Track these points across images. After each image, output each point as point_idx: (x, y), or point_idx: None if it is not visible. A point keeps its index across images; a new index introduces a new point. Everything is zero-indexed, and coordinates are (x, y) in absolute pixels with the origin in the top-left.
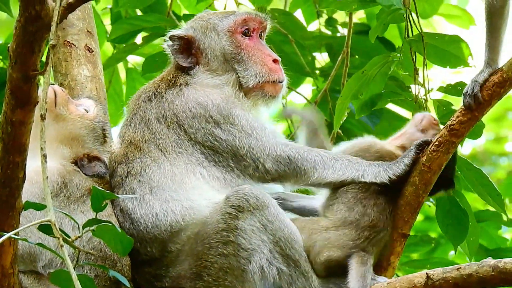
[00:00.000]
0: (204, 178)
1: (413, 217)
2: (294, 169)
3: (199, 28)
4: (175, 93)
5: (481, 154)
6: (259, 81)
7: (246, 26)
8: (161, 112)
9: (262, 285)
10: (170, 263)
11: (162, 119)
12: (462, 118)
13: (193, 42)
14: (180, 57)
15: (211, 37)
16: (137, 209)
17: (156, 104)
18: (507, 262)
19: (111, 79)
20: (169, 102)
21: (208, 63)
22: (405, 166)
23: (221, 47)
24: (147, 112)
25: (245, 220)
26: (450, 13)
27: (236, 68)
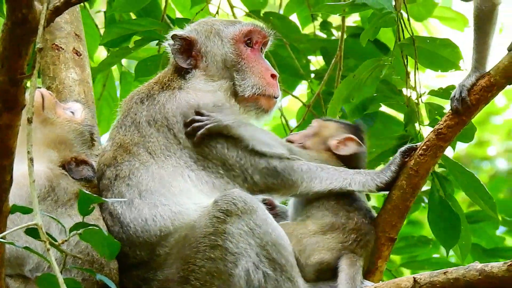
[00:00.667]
0: (192, 181)
1: (401, 221)
2: (282, 180)
3: (202, 31)
4: (167, 96)
5: (463, 158)
6: (255, 92)
7: (249, 37)
8: (152, 114)
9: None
10: (158, 266)
11: (152, 122)
12: (449, 122)
13: (194, 44)
14: (180, 57)
15: (214, 41)
16: (127, 214)
17: (147, 106)
18: (494, 266)
19: (105, 83)
20: (161, 104)
21: (207, 68)
22: (392, 173)
23: (223, 53)
24: (138, 114)
25: (232, 224)
26: (445, 16)
27: (235, 76)
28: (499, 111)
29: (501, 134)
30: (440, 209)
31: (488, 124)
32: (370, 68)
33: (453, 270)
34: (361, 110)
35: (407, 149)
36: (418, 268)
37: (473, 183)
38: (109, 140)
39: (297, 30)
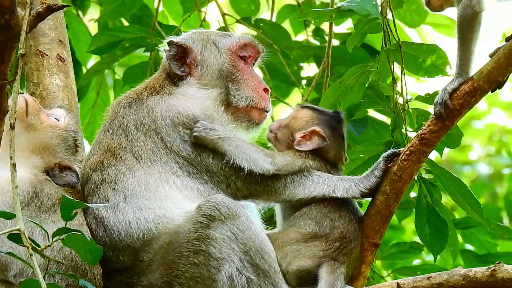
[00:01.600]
0: (177, 188)
1: (384, 226)
2: (265, 187)
3: (198, 40)
4: (156, 100)
5: (445, 162)
6: (248, 104)
7: (244, 50)
8: (140, 118)
9: None
10: (141, 272)
11: (140, 126)
12: (433, 127)
13: (189, 52)
14: (174, 64)
15: (211, 51)
16: (111, 217)
17: (136, 110)
18: (478, 271)
19: (99, 91)
20: (149, 108)
21: (201, 76)
22: (376, 179)
23: (219, 63)
24: (126, 118)
25: (216, 229)
26: (438, 22)
27: (229, 87)
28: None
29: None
30: (427, 215)
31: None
32: (357, 74)
33: (436, 275)
34: (348, 116)
35: (390, 154)
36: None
37: (460, 188)
38: (95, 144)
39: (289, 37)
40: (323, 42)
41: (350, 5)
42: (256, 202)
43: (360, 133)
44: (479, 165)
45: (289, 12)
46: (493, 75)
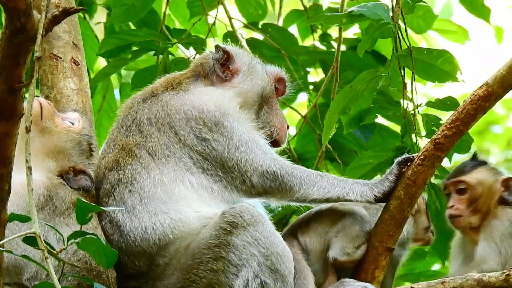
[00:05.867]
0: (193, 187)
1: (398, 231)
2: (280, 185)
3: (245, 54)
4: (171, 95)
5: None
6: (272, 133)
7: (278, 83)
8: (154, 112)
9: None
10: (157, 277)
11: (154, 120)
12: (447, 132)
13: (233, 61)
14: (218, 66)
15: (258, 69)
16: (127, 222)
17: (150, 105)
18: (492, 276)
19: (105, 94)
20: (164, 102)
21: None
22: (390, 183)
23: (264, 83)
24: (139, 113)
25: (237, 236)
26: (445, 28)
27: (262, 108)
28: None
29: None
30: (436, 221)
31: (488, 134)
32: (367, 79)
33: (450, 280)
34: (357, 121)
35: (404, 159)
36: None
37: None
38: (109, 142)
39: (296, 42)
40: (329, 48)
41: (362, 10)
42: (270, 200)
43: (367, 139)
44: None
45: (296, 17)
46: (507, 80)
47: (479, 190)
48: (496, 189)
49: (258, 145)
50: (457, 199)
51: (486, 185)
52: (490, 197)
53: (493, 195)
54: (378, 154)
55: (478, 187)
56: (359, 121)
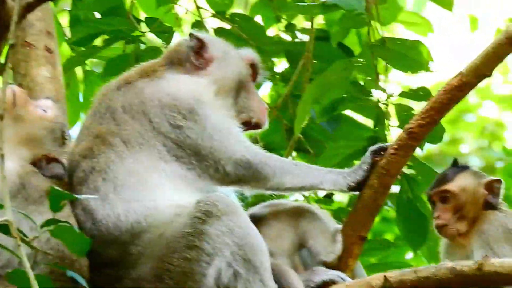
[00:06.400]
0: (167, 176)
1: (371, 220)
2: (254, 173)
3: (219, 41)
4: (146, 82)
5: (436, 156)
6: (252, 117)
7: (253, 68)
8: (128, 100)
9: (216, 287)
10: (130, 265)
11: (128, 108)
12: (421, 121)
13: (207, 48)
14: (193, 54)
15: (233, 55)
16: (100, 209)
17: (123, 92)
18: (465, 265)
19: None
20: (138, 90)
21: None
22: (364, 172)
23: (239, 68)
24: (113, 101)
25: (211, 225)
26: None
27: (240, 94)
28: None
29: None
30: (408, 210)
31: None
32: (340, 70)
33: (423, 269)
34: (330, 111)
35: (377, 148)
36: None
37: None
38: (83, 129)
39: (263, 32)
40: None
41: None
42: (244, 188)
43: (333, 129)
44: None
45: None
46: (481, 70)
47: (463, 197)
48: (480, 193)
49: (233, 133)
50: (442, 209)
51: (470, 191)
52: (475, 203)
53: (478, 200)
54: (350, 144)
55: (462, 195)
56: (331, 111)
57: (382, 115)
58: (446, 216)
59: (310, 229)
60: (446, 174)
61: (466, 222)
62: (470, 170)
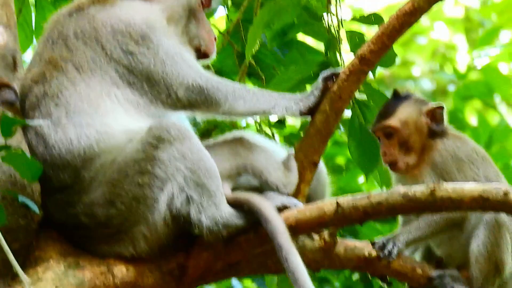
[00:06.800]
0: (119, 101)
1: (323, 145)
2: (206, 98)
3: None
4: (98, 9)
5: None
6: (201, 45)
7: None
8: (80, 26)
9: (168, 211)
10: (82, 190)
11: (80, 34)
12: (372, 47)
13: None
14: None
15: None
16: (52, 134)
17: (76, 19)
18: (418, 191)
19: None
20: (90, 16)
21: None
22: (315, 98)
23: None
24: (66, 27)
25: (163, 151)
26: None
27: (190, 22)
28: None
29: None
30: (360, 135)
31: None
32: None
33: (376, 194)
34: (281, 36)
35: (329, 74)
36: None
37: None
38: (35, 56)
39: None
40: None
41: None
42: (196, 114)
43: (285, 54)
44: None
45: None
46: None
47: (406, 130)
48: (423, 123)
49: (185, 59)
50: (387, 144)
51: (412, 123)
52: (419, 133)
53: (422, 130)
54: (301, 69)
55: (404, 128)
56: (283, 36)
57: (334, 40)
58: (393, 152)
59: (256, 160)
60: (386, 108)
61: (414, 154)
62: (411, 100)
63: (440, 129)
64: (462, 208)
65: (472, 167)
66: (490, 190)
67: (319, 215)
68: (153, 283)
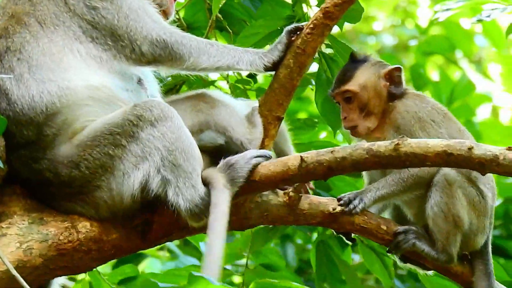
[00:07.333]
0: (81, 56)
1: (288, 100)
2: (170, 53)
3: None
4: None
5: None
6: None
7: None
8: None
9: (140, 189)
10: (46, 146)
11: None
12: (337, 1)
13: None
14: None
15: None
16: (14, 90)
17: None
18: (381, 145)
19: None
20: None
21: None
22: (280, 52)
23: None
24: None
25: (143, 129)
26: None
27: None
28: None
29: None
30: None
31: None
32: None
33: (340, 149)
34: None
35: (293, 28)
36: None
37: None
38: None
39: None
40: None
41: None
42: (160, 69)
43: (256, 8)
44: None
45: None
46: None
47: (365, 94)
48: (381, 85)
49: (148, 13)
50: (347, 109)
51: (371, 86)
52: (378, 96)
53: (381, 92)
54: (268, 23)
55: (363, 92)
56: None
57: None
58: (353, 116)
59: (219, 116)
60: (344, 73)
61: (374, 118)
62: (369, 63)
63: (399, 91)
64: (427, 164)
65: (434, 126)
66: (454, 145)
67: (283, 170)
68: (118, 238)
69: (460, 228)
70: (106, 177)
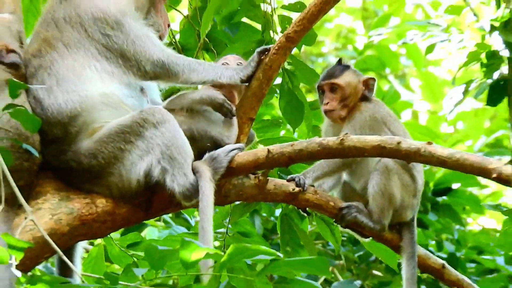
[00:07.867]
0: (97, 71)
1: (258, 105)
2: (167, 71)
3: None
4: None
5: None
6: (159, 30)
7: None
8: (68, 12)
9: (143, 176)
10: (71, 141)
11: (68, 19)
12: (296, 28)
13: None
14: None
15: None
16: (46, 99)
17: (64, 6)
18: (330, 141)
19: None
20: (76, 4)
21: None
22: (252, 68)
23: None
24: (57, 12)
25: (148, 129)
26: None
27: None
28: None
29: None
30: (289, 97)
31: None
32: None
33: (298, 143)
34: (228, 20)
35: (262, 49)
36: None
37: (313, 77)
38: (34, 34)
39: None
40: None
41: None
42: (160, 83)
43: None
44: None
45: None
46: None
47: (347, 90)
48: (359, 88)
49: (150, 39)
50: (330, 97)
51: (353, 86)
52: (355, 95)
53: (357, 93)
54: (243, 45)
55: (347, 88)
56: (229, 20)
57: (269, 23)
58: (334, 103)
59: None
60: (334, 70)
61: (346, 110)
62: (352, 69)
63: (370, 96)
64: (365, 155)
65: (383, 127)
66: (387, 140)
67: (254, 159)
68: (126, 212)
69: (393, 204)
70: (117, 166)
